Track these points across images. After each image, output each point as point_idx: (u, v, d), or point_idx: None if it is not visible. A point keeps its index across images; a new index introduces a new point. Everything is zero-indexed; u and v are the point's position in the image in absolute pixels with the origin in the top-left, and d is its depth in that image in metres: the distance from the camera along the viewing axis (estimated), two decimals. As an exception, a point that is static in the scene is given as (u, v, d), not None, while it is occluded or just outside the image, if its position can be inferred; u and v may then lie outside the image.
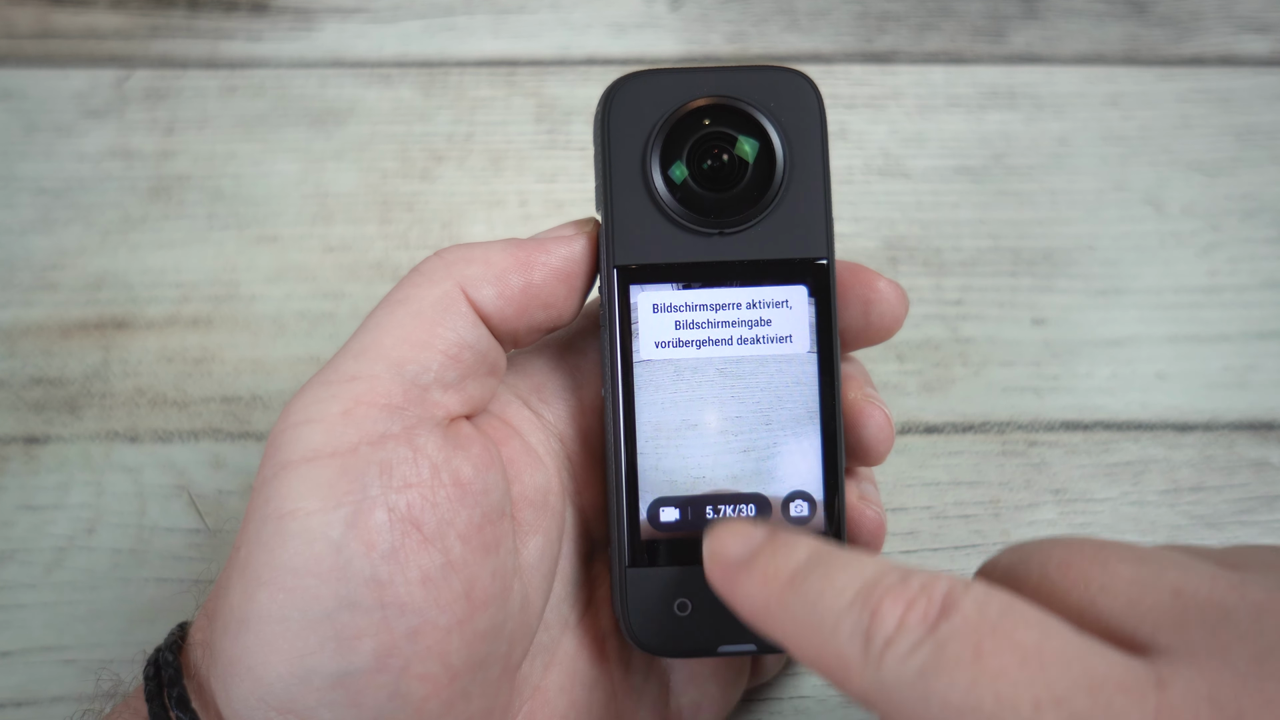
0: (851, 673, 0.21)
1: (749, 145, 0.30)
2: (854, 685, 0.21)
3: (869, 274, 0.31)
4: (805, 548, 0.24)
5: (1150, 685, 0.19)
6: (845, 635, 0.21)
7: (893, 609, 0.21)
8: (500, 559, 0.27)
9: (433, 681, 0.25)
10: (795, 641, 0.23)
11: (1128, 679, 0.19)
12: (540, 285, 0.29)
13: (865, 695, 0.21)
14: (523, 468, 0.29)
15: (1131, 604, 0.21)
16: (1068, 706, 0.19)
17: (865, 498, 0.32)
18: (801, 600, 0.23)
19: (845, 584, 0.22)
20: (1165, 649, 0.20)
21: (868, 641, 0.21)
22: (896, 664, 0.20)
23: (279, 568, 0.25)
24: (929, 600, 0.21)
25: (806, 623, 0.22)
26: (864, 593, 0.22)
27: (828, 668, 0.22)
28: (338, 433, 0.26)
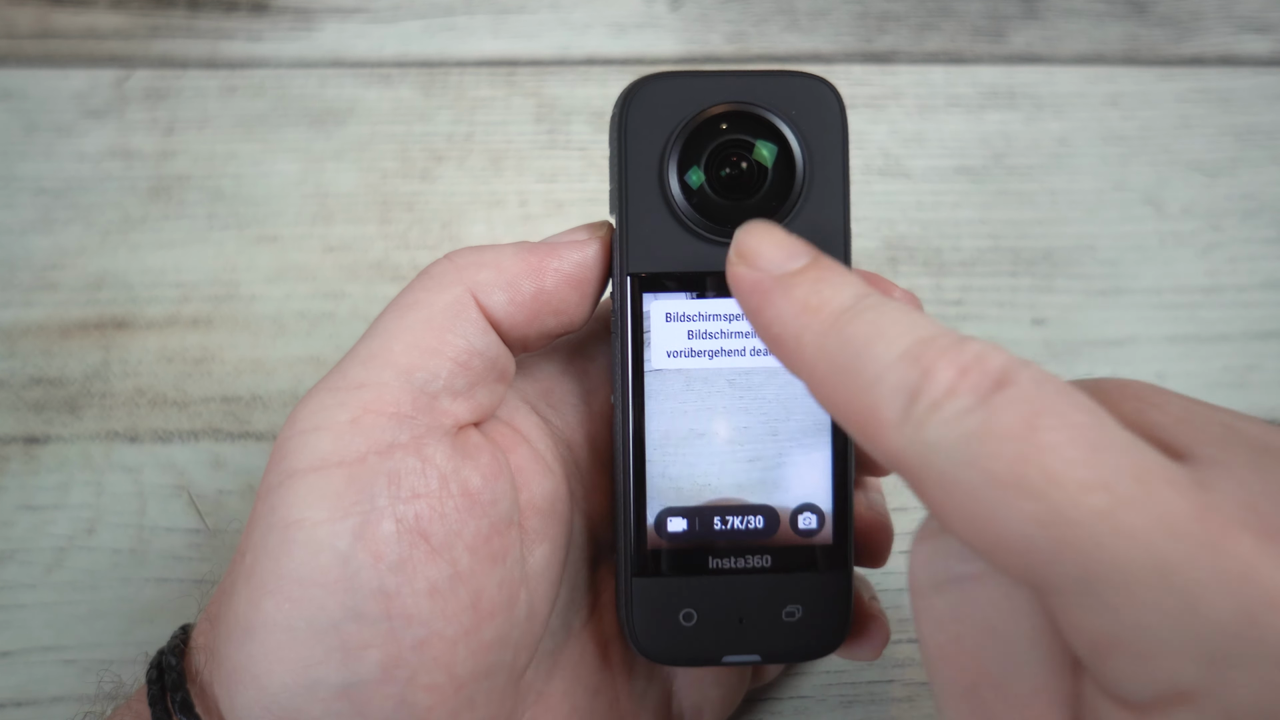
0: (885, 429, 0.20)
1: (768, 152, 0.29)
2: (885, 442, 0.20)
3: (885, 284, 0.30)
4: (854, 286, 0.23)
5: (1194, 484, 0.19)
6: (888, 389, 0.20)
7: (945, 371, 0.20)
8: (507, 569, 0.27)
9: (438, 692, 0.25)
10: (824, 383, 0.22)
11: (1173, 474, 0.19)
12: (552, 291, 0.28)
13: (896, 454, 0.20)
14: (531, 475, 0.29)
15: (1181, 421, 0.21)
16: (1115, 491, 0.18)
17: (873, 507, 0.31)
18: (843, 343, 0.22)
19: (896, 336, 0.21)
20: (1209, 460, 0.20)
21: (913, 400, 0.20)
22: (941, 427, 0.20)
23: (285, 577, 0.25)
24: (983, 369, 0.20)
25: (844, 367, 0.21)
26: (916, 349, 0.21)
27: (857, 420, 0.21)
28: (346, 441, 0.25)
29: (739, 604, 0.29)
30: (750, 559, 0.29)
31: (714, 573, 0.29)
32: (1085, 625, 0.19)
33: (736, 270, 0.24)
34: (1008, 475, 0.19)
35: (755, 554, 0.29)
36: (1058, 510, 0.18)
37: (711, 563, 0.29)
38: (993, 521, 0.19)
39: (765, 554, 0.29)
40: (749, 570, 0.29)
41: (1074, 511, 0.18)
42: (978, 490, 0.19)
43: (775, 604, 0.29)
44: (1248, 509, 0.18)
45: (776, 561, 0.29)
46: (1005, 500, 0.19)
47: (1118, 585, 0.18)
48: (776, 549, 0.29)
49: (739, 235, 0.25)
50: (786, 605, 0.29)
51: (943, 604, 0.22)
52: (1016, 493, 0.19)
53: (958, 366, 0.20)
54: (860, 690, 0.36)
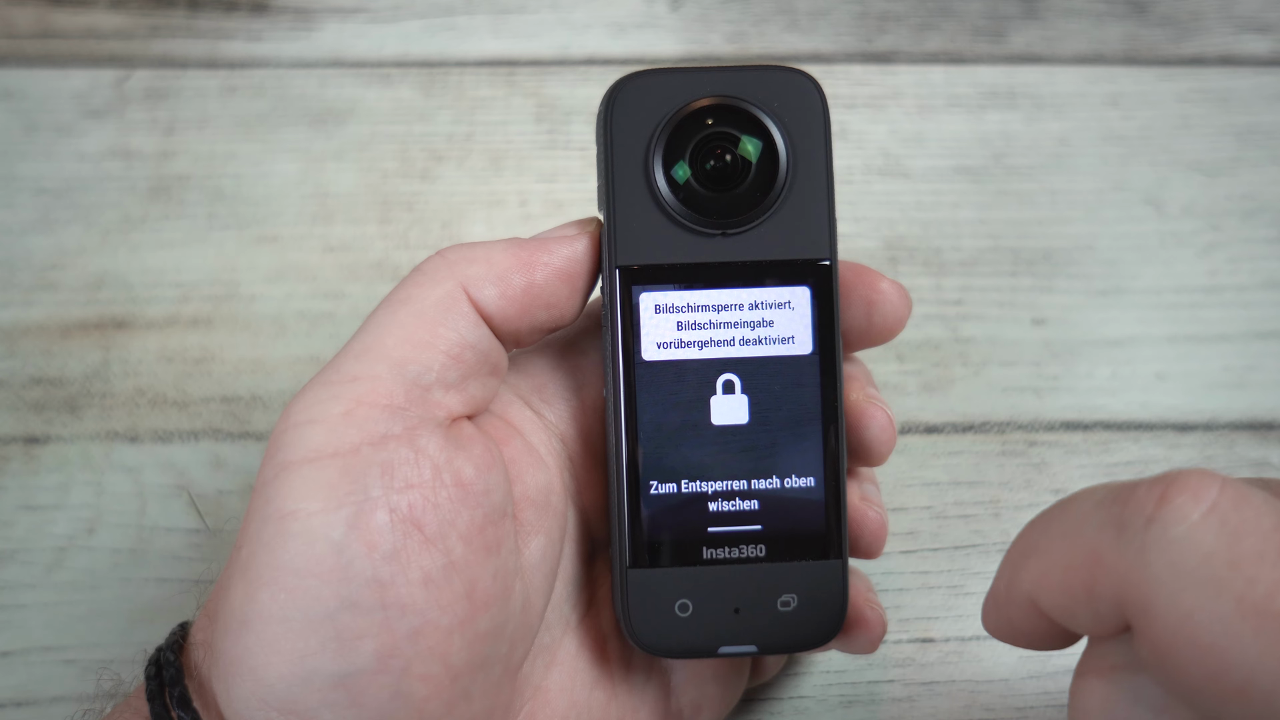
0: (1102, 564, 0.20)
1: (752, 145, 0.30)
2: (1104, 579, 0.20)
3: (872, 275, 0.31)
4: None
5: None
6: (1094, 527, 0.20)
7: (1150, 488, 0.20)
8: (502, 559, 0.27)
9: (434, 682, 0.25)
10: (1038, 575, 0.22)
11: None
12: (542, 285, 0.29)
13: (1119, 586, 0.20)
14: (524, 468, 0.29)
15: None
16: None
17: (867, 498, 0.31)
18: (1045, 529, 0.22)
19: (1088, 494, 0.21)
20: None
21: (1121, 524, 0.20)
22: (1167, 545, 0.19)
23: (280, 568, 0.25)
24: (1197, 480, 0.20)
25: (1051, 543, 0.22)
26: (1112, 491, 0.21)
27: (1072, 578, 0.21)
28: (339, 433, 0.26)
29: (734, 594, 0.29)
30: (744, 549, 0.29)
31: (709, 563, 0.29)
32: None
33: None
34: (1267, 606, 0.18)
35: (749, 544, 0.29)
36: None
37: (706, 553, 0.29)
38: (1243, 659, 0.18)
39: (759, 544, 0.29)
40: (743, 560, 0.29)
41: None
42: (1225, 621, 0.18)
43: (770, 594, 0.29)
44: None
45: (771, 551, 0.29)
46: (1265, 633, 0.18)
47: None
48: (771, 539, 0.29)
49: None
50: (782, 595, 0.29)
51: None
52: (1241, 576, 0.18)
53: (1161, 483, 0.20)
54: (860, 690, 0.36)
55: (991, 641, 0.37)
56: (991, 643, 0.37)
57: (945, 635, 0.37)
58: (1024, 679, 0.36)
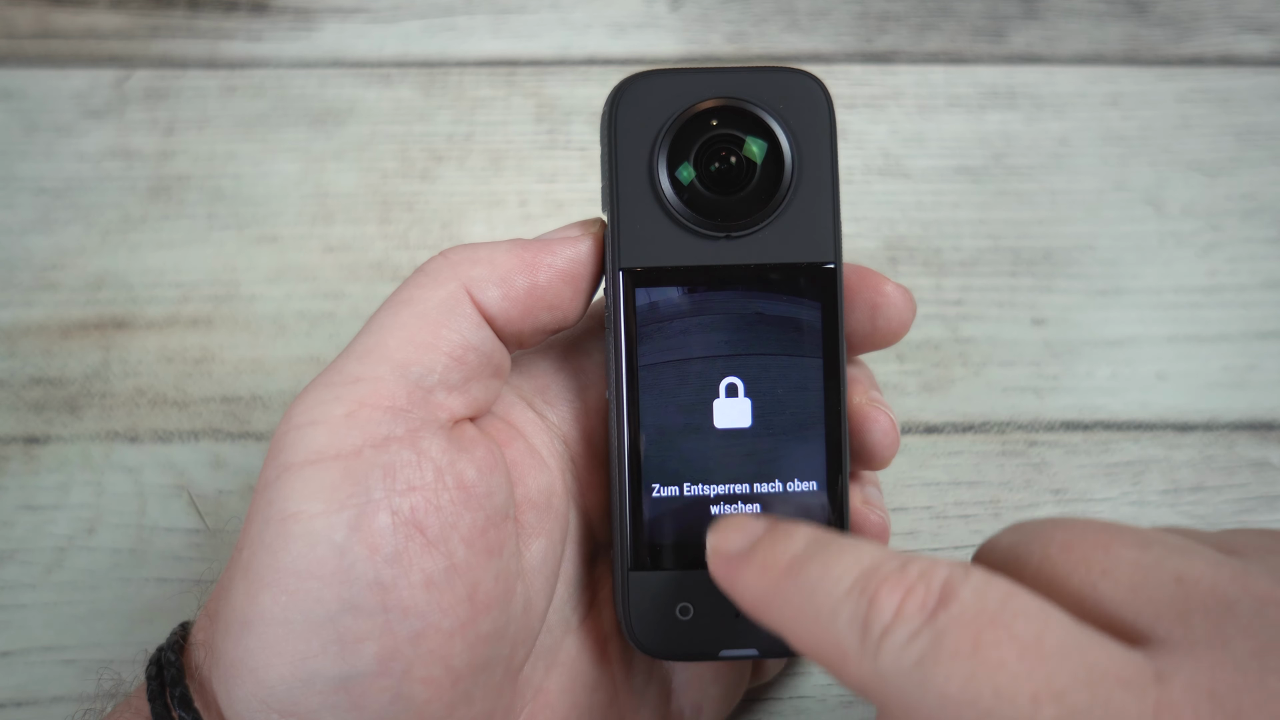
0: (849, 661, 0.21)
1: (757, 147, 0.29)
2: (851, 674, 0.21)
3: (876, 278, 0.30)
4: (803, 536, 0.23)
5: (1150, 679, 0.19)
6: (843, 623, 0.21)
7: (890, 597, 0.21)
8: (503, 562, 0.27)
9: (435, 685, 0.25)
10: (793, 630, 0.22)
11: (1127, 672, 0.19)
12: (545, 287, 0.29)
13: (862, 685, 0.21)
14: (526, 470, 0.29)
15: (1133, 590, 0.21)
16: (1066, 701, 0.18)
17: (869, 502, 0.31)
18: (799, 588, 0.22)
19: (842, 571, 0.22)
20: (1165, 640, 0.20)
21: (865, 630, 0.21)
22: (894, 653, 0.20)
23: (282, 570, 0.25)
24: (927, 588, 0.21)
25: (804, 611, 0.22)
26: (862, 580, 0.21)
27: (825, 656, 0.22)
28: (341, 435, 0.26)
29: None
30: None
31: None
32: None
33: (712, 565, 0.25)
34: (962, 696, 0.19)
35: None
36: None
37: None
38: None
39: None
40: None
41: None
42: (937, 713, 0.19)
43: None
44: (1208, 698, 0.18)
45: None
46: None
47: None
48: None
49: (709, 537, 0.26)
50: None
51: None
52: (973, 713, 0.19)
53: (902, 589, 0.21)
54: (860, 690, 0.36)
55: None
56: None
57: (945, 635, 0.37)
58: (1024, 679, 0.36)
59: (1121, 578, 0.21)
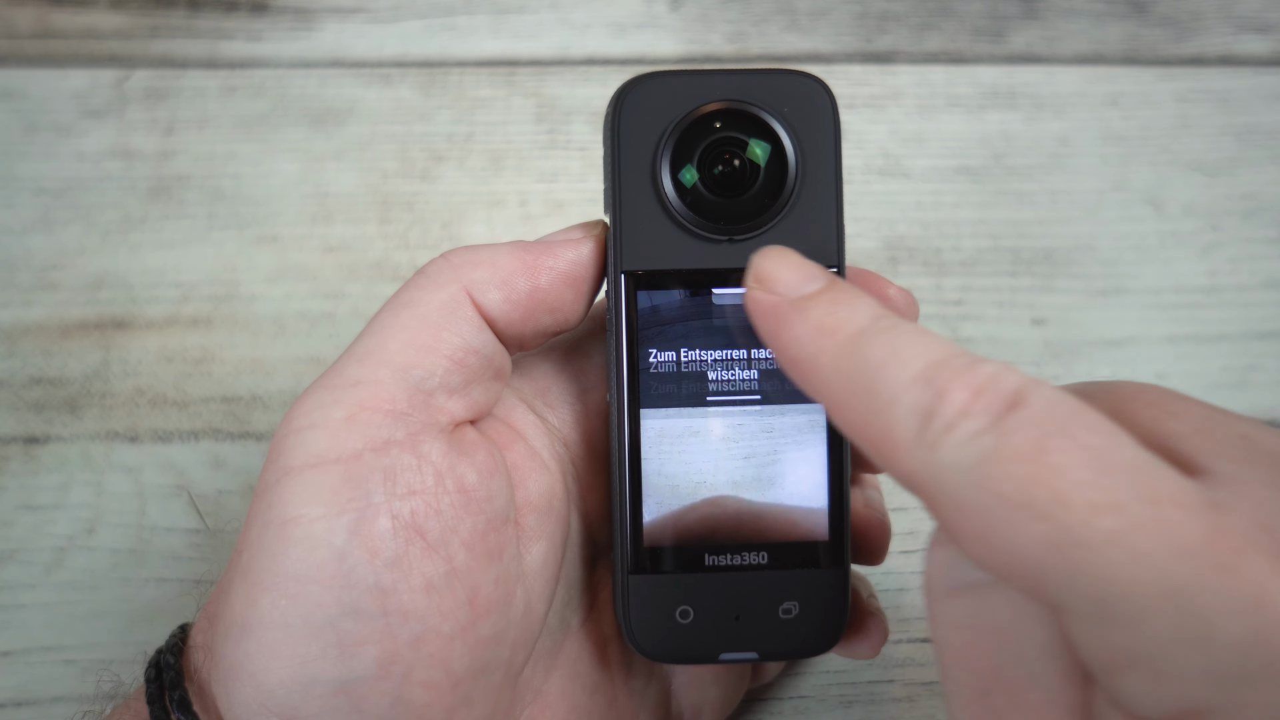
0: (899, 449, 0.21)
1: (761, 150, 0.29)
2: (899, 463, 0.21)
3: (880, 281, 0.30)
4: (869, 308, 0.23)
5: (1207, 505, 0.19)
6: (902, 410, 0.21)
7: (959, 393, 0.20)
8: (504, 565, 0.27)
9: (435, 688, 0.25)
10: (840, 404, 0.22)
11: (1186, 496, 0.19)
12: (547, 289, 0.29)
13: (910, 475, 0.21)
14: (527, 473, 0.29)
15: (1199, 433, 0.21)
16: (1125, 513, 0.18)
17: (870, 505, 0.31)
18: (859, 364, 0.22)
19: (911, 358, 0.21)
20: (1225, 476, 0.20)
21: (926, 420, 0.20)
22: (954, 448, 0.20)
23: (281, 574, 0.25)
24: (997, 390, 0.20)
25: (860, 388, 0.22)
26: (930, 371, 0.21)
27: (872, 439, 0.21)
28: (341, 438, 0.26)
29: (736, 601, 0.29)
30: (746, 556, 0.29)
31: (710, 570, 0.29)
32: (1098, 644, 0.19)
33: (754, 295, 0.24)
34: (1018, 497, 0.19)
35: (751, 551, 0.29)
36: (1068, 533, 0.18)
37: (708, 560, 0.29)
38: (1004, 543, 0.19)
39: (761, 551, 0.29)
40: (745, 567, 0.29)
41: (1084, 534, 0.18)
42: (989, 512, 0.19)
43: (772, 601, 0.29)
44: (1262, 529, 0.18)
45: (773, 558, 0.29)
46: (1016, 522, 0.19)
47: (1130, 608, 0.18)
48: (773, 546, 0.29)
49: (755, 260, 0.25)
50: (783, 602, 0.29)
51: (958, 609, 0.22)
52: (1027, 514, 0.19)
53: (972, 388, 0.20)
54: (860, 690, 0.36)
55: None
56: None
57: (945, 635, 0.37)
58: (1024, 679, 0.36)
59: (1190, 420, 0.21)
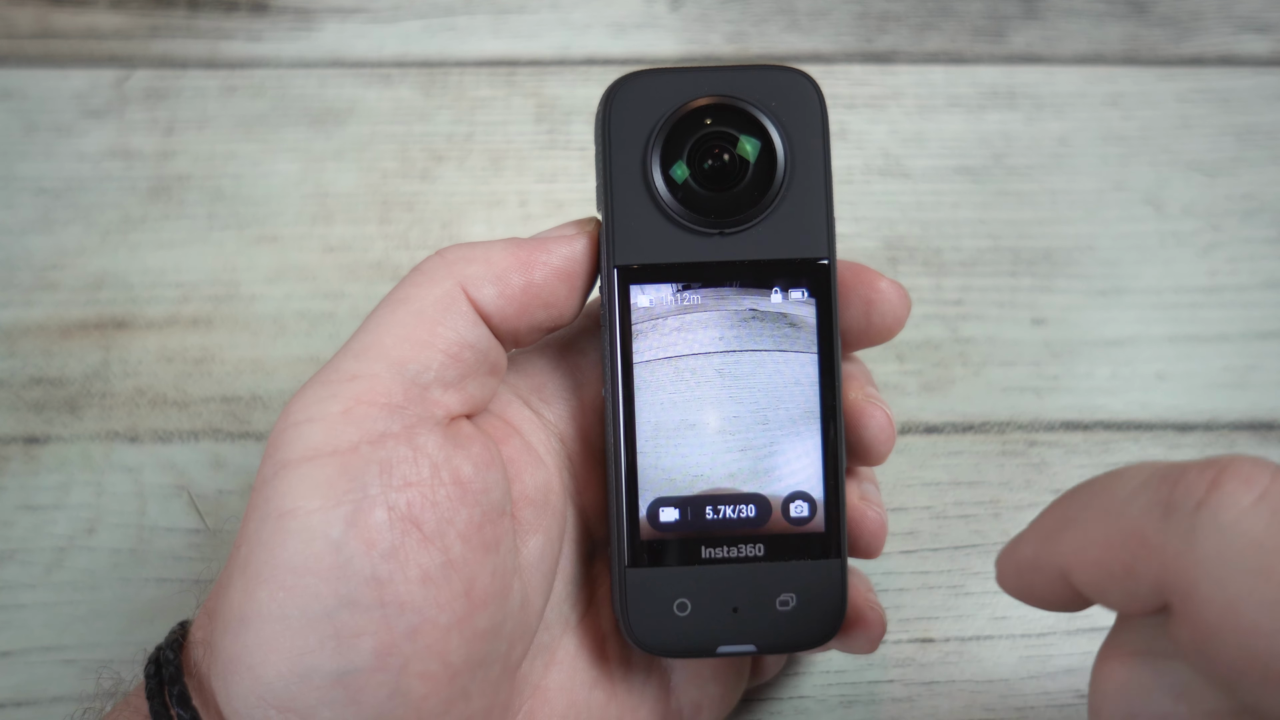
0: (1146, 545, 0.20)
1: (750, 145, 0.30)
2: (1146, 561, 0.20)
3: (871, 274, 0.31)
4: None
5: None
6: (1139, 508, 0.20)
7: (1200, 475, 0.20)
8: (500, 558, 0.27)
9: (432, 680, 0.25)
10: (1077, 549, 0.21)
11: None
12: (541, 285, 0.29)
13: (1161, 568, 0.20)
14: (523, 467, 0.29)
15: None
16: None
17: (866, 498, 0.31)
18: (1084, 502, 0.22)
19: (1134, 473, 0.21)
20: None
21: (1169, 507, 0.20)
22: (1216, 530, 0.19)
23: (279, 566, 0.25)
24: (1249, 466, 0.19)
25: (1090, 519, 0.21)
26: (1159, 471, 0.20)
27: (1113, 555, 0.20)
28: (338, 431, 0.26)
29: (733, 594, 0.29)
30: (743, 548, 0.29)
31: (707, 562, 0.29)
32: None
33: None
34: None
35: (748, 543, 0.29)
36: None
37: (705, 552, 0.29)
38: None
39: (758, 543, 0.29)
40: (742, 559, 0.29)
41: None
42: (1272, 607, 0.18)
43: (769, 593, 0.29)
44: None
45: (769, 550, 0.29)
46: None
47: None
48: (769, 538, 0.30)
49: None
50: (780, 594, 0.29)
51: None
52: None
53: (1214, 467, 0.20)
54: (860, 690, 0.36)
55: (992, 641, 0.37)
56: (992, 643, 0.37)
57: (945, 635, 0.37)
58: (1024, 679, 0.36)
59: None
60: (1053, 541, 0.22)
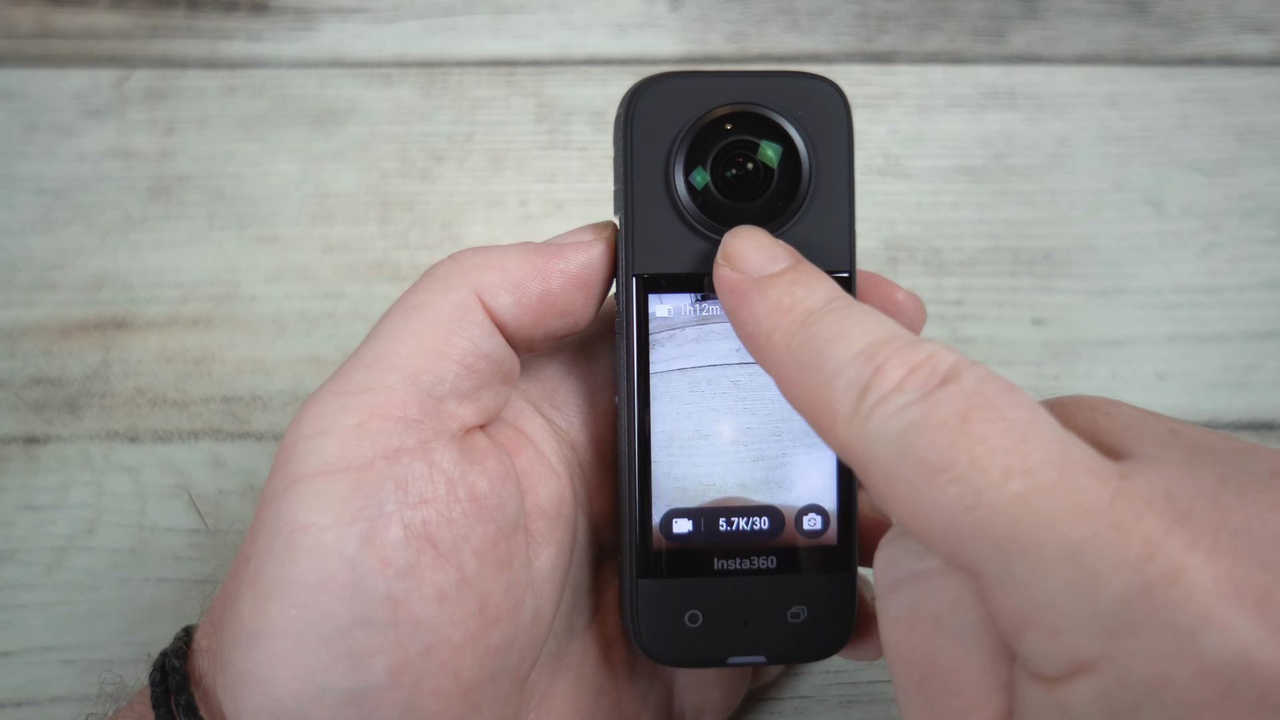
0: (837, 422, 0.22)
1: (774, 154, 0.29)
2: (838, 435, 0.22)
3: (888, 285, 0.30)
4: (825, 289, 0.24)
5: (1115, 474, 0.20)
6: (842, 384, 0.22)
7: (896, 369, 0.22)
8: (514, 573, 0.27)
9: (445, 697, 0.25)
10: (789, 378, 0.23)
11: (1096, 465, 0.20)
12: (558, 293, 0.28)
13: (844, 446, 0.22)
14: (536, 479, 0.29)
15: (1127, 427, 0.22)
16: (1034, 478, 0.20)
17: (876, 508, 0.31)
18: (808, 340, 0.23)
19: (856, 335, 0.23)
20: (1142, 457, 0.21)
21: (862, 395, 0.22)
22: (884, 419, 0.21)
23: (291, 583, 0.24)
24: (932, 368, 0.21)
25: (807, 364, 0.23)
26: (872, 348, 0.22)
27: (814, 413, 0.23)
28: (352, 446, 0.25)
29: (744, 605, 0.29)
30: (755, 560, 0.29)
31: (719, 574, 0.29)
32: (1005, 605, 0.20)
33: (720, 271, 0.26)
34: (938, 462, 0.20)
35: (760, 555, 0.29)
36: (980, 494, 0.20)
37: (717, 564, 0.29)
38: (924, 506, 0.20)
39: (770, 555, 0.29)
40: (754, 571, 0.29)
41: (995, 495, 0.20)
42: (912, 477, 0.21)
43: (780, 605, 0.29)
44: (1164, 496, 0.20)
45: (782, 562, 0.29)
46: (935, 485, 0.20)
47: (1031, 565, 0.19)
48: (781, 550, 0.29)
49: (725, 239, 0.27)
50: (791, 606, 0.29)
51: (899, 601, 0.23)
52: (945, 478, 0.20)
53: (909, 364, 0.22)
54: (860, 690, 0.36)
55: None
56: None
57: (945, 635, 0.37)
58: (1024, 679, 0.36)
59: (1120, 418, 0.23)
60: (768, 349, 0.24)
